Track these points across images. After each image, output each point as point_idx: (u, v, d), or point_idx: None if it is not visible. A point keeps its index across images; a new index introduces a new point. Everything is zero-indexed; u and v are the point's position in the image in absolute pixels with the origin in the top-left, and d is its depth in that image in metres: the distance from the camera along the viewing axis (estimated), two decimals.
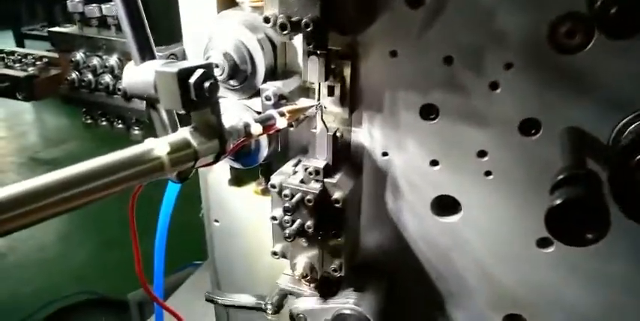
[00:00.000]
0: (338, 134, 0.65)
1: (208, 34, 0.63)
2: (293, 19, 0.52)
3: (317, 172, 0.63)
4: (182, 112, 0.51)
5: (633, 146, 0.44)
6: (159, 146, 0.45)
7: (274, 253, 0.70)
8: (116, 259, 2.04)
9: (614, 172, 0.44)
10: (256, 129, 0.52)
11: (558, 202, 0.41)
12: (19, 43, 4.29)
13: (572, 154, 0.49)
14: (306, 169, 0.64)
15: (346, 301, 0.68)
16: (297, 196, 0.64)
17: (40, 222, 0.38)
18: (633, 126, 0.50)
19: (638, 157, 0.44)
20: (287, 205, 0.63)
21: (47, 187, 0.39)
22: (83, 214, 2.65)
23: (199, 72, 0.45)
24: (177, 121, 0.53)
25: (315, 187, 0.64)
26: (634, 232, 0.57)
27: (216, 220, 0.84)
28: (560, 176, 0.45)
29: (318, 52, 0.57)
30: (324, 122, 0.63)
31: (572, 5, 0.51)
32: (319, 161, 0.64)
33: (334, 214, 0.65)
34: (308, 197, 0.63)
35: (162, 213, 0.63)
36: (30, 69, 0.86)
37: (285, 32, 0.51)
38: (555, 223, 0.42)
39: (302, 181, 0.64)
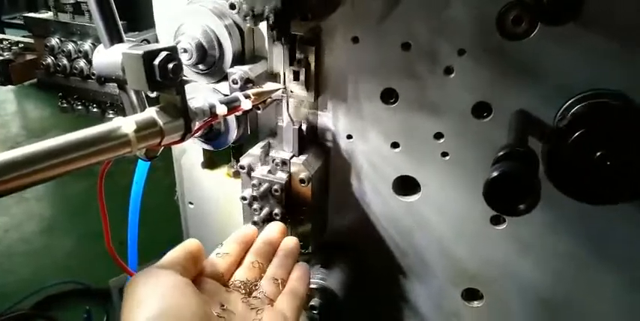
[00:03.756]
0: (304, 127, 0.68)
1: (178, 20, 0.65)
2: (256, 10, 0.54)
3: (284, 163, 0.67)
4: (150, 93, 0.54)
5: (566, 129, 0.48)
6: (126, 124, 0.47)
7: None
8: (100, 250, 2.05)
9: (548, 151, 0.48)
10: (221, 110, 0.54)
11: (494, 174, 0.45)
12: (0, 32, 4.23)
13: (514, 134, 0.53)
14: (273, 161, 0.67)
15: (313, 277, 0.72)
16: (265, 185, 0.67)
17: (9, 193, 0.40)
18: (571, 111, 0.54)
19: (571, 139, 0.48)
20: (254, 193, 0.67)
21: (17, 159, 0.41)
22: (67, 205, 2.65)
23: (163, 54, 0.47)
24: (146, 102, 0.56)
25: (282, 177, 0.67)
26: (579, 210, 0.61)
27: (191, 203, 0.86)
28: (500, 153, 0.48)
29: (282, 38, 0.60)
30: (290, 116, 0.67)
31: None
32: (286, 152, 0.68)
33: (302, 194, 0.68)
34: (275, 187, 0.67)
35: (133, 190, 0.66)
36: (5, 54, 0.87)
37: (247, 20, 0.54)
38: (492, 194, 0.46)
39: (269, 172, 0.68)
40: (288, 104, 0.67)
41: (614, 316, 0.66)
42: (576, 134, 0.49)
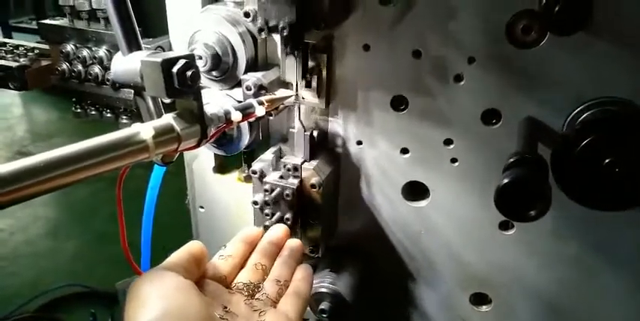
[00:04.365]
0: (315, 133, 0.69)
1: (193, 28, 0.67)
2: (270, 23, 0.55)
3: (295, 168, 0.68)
4: (166, 100, 0.55)
5: (576, 136, 0.49)
6: (144, 130, 0.48)
7: None
8: (105, 253, 2.06)
9: (556, 158, 0.49)
10: (236, 116, 0.56)
11: (505, 181, 0.45)
12: (7, 36, 4.25)
13: (524, 141, 0.54)
14: (284, 166, 0.68)
15: (322, 281, 0.73)
16: (277, 190, 0.68)
17: (29, 199, 0.41)
18: (580, 119, 0.55)
19: (580, 146, 0.49)
20: (266, 198, 0.68)
21: (38, 166, 0.41)
22: (72, 209, 2.66)
23: (182, 62, 0.48)
24: (163, 108, 0.57)
25: (293, 182, 0.68)
26: (587, 215, 0.61)
27: (202, 207, 0.87)
28: (511, 160, 0.49)
29: (295, 51, 0.61)
30: (301, 122, 0.68)
31: (528, 4, 0.55)
32: (297, 158, 0.69)
33: (313, 198, 0.69)
34: (287, 192, 0.68)
35: (148, 195, 0.67)
36: (22, 60, 0.88)
37: (262, 33, 0.55)
38: (503, 201, 0.47)
39: (281, 177, 0.69)
40: (299, 111, 0.68)
41: None
42: (585, 141, 0.50)
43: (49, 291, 1.99)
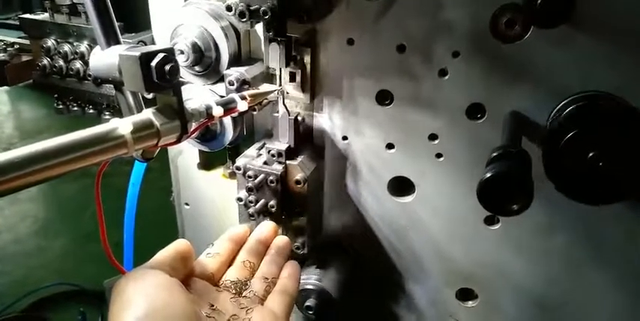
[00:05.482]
0: (299, 118, 0.69)
1: (175, 22, 0.66)
2: (252, 7, 0.55)
3: (279, 154, 0.67)
4: (146, 95, 0.54)
5: (559, 130, 0.48)
6: (123, 125, 0.47)
7: None
8: (94, 251, 2.04)
9: (546, 152, 0.49)
10: (217, 111, 0.55)
11: (488, 175, 0.45)
12: None
13: (508, 135, 0.53)
14: (269, 152, 0.67)
15: (309, 277, 0.72)
16: (260, 176, 0.67)
17: (6, 194, 0.40)
18: (564, 113, 0.55)
19: (563, 140, 0.49)
20: (250, 184, 0.67)
21: (15, 160, 0.41)
22: (60, 207, 2.64)
23: (160, 55, 0.47)
24: (143, 103, 0.56)
25: (277, 168, 0.67)
26: (570, 210, 0.62)
27: (187, 204, 0.87)
28: (494, 154, 0.49)
29: (279, 39, 0.60)
30: (285, 106, 0.67)
31: None
32: (282, 144, 0.68)
33: (298, 194, 0.69)
34: (270, 178, 0.67)
35: (129, 192, 0.66)
36: (1, 55, 0.87)
37: (244, 19, 0.54)
38: (486, 194, 0.46)
39: (265, 163, 0.68)
40: (284, 95, 0.67)
41: (607, 316, 0.67)
42: (569, 135, 0.50)
43: (38, 290, 1.97)
